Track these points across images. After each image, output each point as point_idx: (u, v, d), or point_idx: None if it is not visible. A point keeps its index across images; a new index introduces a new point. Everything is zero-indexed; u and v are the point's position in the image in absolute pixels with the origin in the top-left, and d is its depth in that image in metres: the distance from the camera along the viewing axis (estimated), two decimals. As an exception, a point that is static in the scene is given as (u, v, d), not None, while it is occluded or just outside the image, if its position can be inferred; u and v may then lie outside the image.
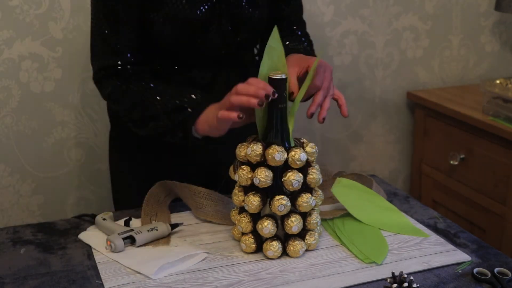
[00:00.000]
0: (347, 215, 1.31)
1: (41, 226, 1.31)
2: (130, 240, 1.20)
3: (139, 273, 1.11)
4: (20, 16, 1.77)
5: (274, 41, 1.15)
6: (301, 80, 1.21)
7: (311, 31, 1.57)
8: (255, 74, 1.16)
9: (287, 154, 1.14)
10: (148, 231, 1.21)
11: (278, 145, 1.13)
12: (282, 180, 1.14)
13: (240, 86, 1.13)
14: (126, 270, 1.13)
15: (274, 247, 1.16)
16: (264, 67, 1.15)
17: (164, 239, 1.23)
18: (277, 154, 1.12)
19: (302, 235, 1.18)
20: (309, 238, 1.19)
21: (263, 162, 1.15)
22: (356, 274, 1.12)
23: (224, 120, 1.15)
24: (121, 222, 1.29)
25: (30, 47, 1.80)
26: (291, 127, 1.17)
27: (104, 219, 1.26)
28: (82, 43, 1.82)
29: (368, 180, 1.41)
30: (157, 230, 1.22)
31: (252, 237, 1.18)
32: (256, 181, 1.14)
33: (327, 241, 1.24)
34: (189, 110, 1.24)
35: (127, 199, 1.48)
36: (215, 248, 1.21)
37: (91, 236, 1.24)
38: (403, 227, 1.28)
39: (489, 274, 1.11)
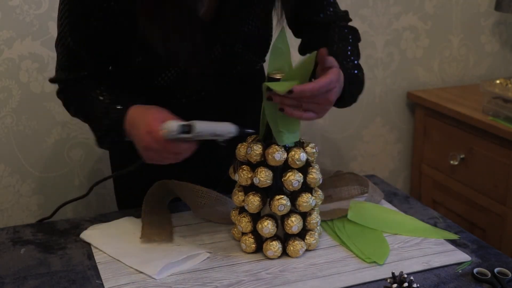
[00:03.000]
0: (347, 215, 1.31)
1: (41, 226, 1.31)
2: (188, 129, 1.10)
3: (142, 272, 1.11)
4: (20, 16, 1.77)
5: (281, 41, 1.14)
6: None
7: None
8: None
9: (287, 154, 1.14)
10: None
11: (278, 144, 1.13)
12: (282, 180, 1.14)
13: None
14: (126, 270, 1.13)
15: (274, 247, 1.16)
16: (270, 68, 1.14)
17: (167, 237, 1.22)
18: (277, 154, 1.12)
19: (302, 235, 1.18)
20: (309, 238, 1.19)
21: (263, 162, 1.15)
22: (356, 274, 1.12)
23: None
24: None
25: (30, 47, 1.80)
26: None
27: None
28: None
29: (364, 180, 1.41)
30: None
31: (252, 237, 1.18)
32: (256, 181, 1.14)
33: (327, 241, 1.24)
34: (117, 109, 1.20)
35: (130, 200, 1.47)
36: (215, 248, 1.21)
37: (92, 235, 1.24)
38: (429, 231, 1.27)
39: (489, 274, 1.11)
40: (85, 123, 1.31)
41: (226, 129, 1.15)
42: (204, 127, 1.12)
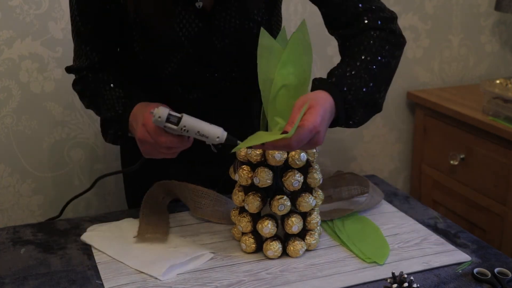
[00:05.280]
0: (347, 215, 1.31)
1: (41, 226, 1.31)
2: (175, 120, 1.09)
3: (143, 273, 1.11)
4: (20, 16, 1.77)
5: (265, 39, 1.10)
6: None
7: (311, 31, 1.55)
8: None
9: (287, 154, 1.14)
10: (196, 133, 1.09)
11: (278, 145, 1.13)
12: (282, 180, 1.14)
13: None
14: (126, 270, 1.13)
15: (274, 247, 1.16)
16: (262, 71, 1.10)
17: (162, 236, 1.22)
18: (277, 153, 1.12)
19: (302, 235, 1.18)
20: (309, 238, 1.19)
21: (263, 162, 1.15)
22: (356, 274, 1.12)
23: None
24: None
25: (30, 47, 1.80)
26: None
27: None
28: (82, 43, 1.82)
29: (364, 180, 1.41)
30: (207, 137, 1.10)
31: (252, 237, 1.18)
32: (256, 181, 1.14)
33: (327, 241, 1.24)
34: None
35: (140, 198, 1.47)
36: (215, 248, 1.21)
37: (92, 236, 1.24)
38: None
39: (489, 274, 1.11)
40: (97, 116, 1.34)
41: (213, 131, 1.09)
42: (192, 123, 1.09)
